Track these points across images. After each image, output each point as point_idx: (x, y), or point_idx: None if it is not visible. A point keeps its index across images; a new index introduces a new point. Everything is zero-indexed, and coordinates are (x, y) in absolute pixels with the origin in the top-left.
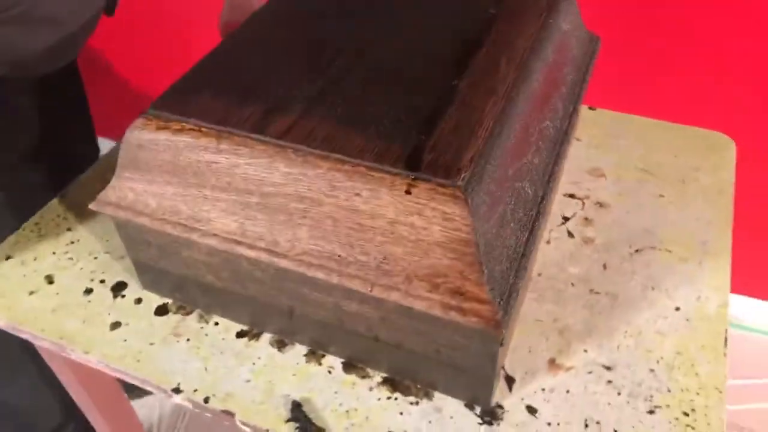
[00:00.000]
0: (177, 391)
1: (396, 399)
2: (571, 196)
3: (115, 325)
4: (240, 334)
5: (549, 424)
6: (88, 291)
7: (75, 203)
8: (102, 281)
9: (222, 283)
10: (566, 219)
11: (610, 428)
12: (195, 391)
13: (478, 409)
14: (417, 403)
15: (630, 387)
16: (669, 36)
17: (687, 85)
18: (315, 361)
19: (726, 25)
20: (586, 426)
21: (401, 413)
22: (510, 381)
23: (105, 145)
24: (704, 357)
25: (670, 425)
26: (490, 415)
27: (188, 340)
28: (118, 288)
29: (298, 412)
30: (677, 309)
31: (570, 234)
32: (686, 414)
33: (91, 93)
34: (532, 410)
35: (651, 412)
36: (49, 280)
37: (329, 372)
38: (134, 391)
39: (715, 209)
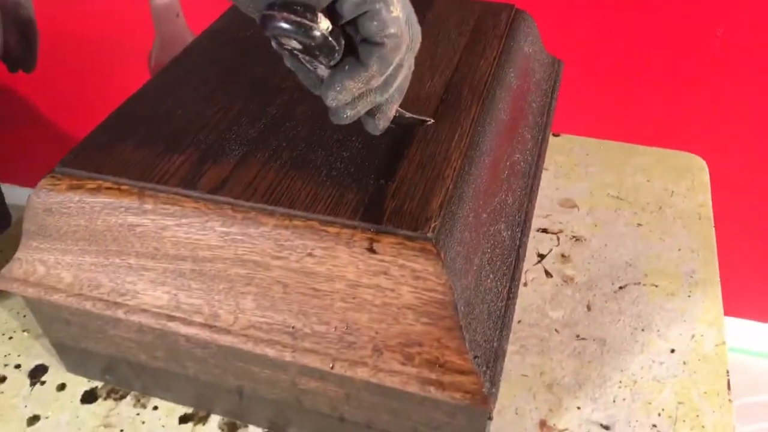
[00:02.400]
0: None
1: None
2: (544, 230)
3: (33, 420)
4: (184, 419)
5: None
6: (1, 379)
7: None
8: (17, 366)
9: (157, 363)
10: (542, 257)
11: None
12: None
13: None
14: None
15: None
16: (631, 57)
17: (653, 105)
18: None
19: (689, 43)
20: None
21: None
22: None
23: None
24: (708, 405)
25: None
26: None
27: (122, 431)
28: (37, 373)
29: None
30: (672, 351)
31: (548, 273)
32: None
33: None
34: None
35: None
36: None
37: None
38: None
39: (698, 236)
